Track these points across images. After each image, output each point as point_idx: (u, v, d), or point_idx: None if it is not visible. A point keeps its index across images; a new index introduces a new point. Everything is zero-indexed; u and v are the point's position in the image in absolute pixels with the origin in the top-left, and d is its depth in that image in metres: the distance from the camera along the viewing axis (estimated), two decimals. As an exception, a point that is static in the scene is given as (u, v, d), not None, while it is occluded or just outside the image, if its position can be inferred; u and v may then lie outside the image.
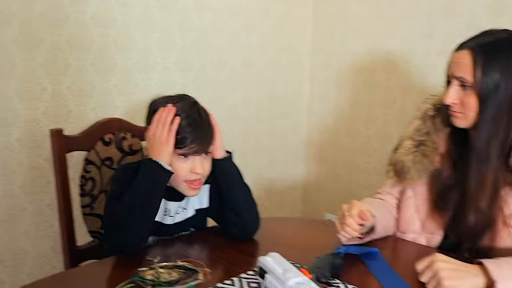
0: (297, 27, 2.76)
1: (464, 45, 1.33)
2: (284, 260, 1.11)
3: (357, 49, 2.65)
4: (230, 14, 2.38)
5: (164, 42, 2.13)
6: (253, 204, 1.47)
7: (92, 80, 1.92)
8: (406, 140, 1.49)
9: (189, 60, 2.25)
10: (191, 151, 1.35)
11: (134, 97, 2.05)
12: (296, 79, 2.82)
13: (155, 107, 1.40)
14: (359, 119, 2.70)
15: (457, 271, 1.14)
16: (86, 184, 1.65)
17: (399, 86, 2.50)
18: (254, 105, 2.61)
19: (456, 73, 1.32)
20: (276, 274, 1.06)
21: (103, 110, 1.96)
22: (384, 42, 2.53)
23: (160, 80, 2.14)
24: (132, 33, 2.01)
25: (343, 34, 2.70)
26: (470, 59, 1.29)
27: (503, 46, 1.29)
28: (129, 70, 2.03)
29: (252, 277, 1.17)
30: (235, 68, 2.46)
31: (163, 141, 1.33)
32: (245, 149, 2.61)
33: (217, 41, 2.35)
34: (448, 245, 1.41)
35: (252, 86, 2.57)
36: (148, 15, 2.05)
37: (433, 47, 2.34)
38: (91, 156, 1.66)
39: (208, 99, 2.37)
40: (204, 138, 1.38)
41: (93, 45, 1.90)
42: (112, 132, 1.72)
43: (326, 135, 2.86)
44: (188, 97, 1.44)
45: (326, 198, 2.89)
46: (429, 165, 1.44)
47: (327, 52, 2.79)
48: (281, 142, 2.81)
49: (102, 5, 1.90)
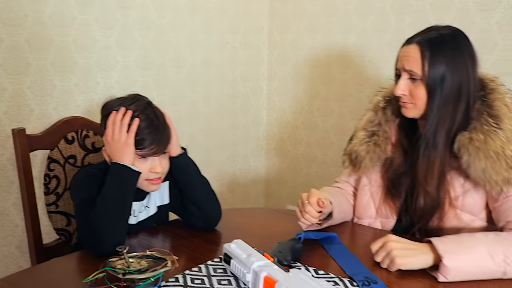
0: (254, 24, 2.82)
1: (412, 40, 1.41)
2: (248, 246, 1.18)
3: (313, 44, 2.74)
4: (188, 13, 2.42)
5: (123, 41, 2.15)
6: (213, 195, 1.52)
7: (53, 79, 1.92)
8: (360, 131, 1.57)
9: (149, 58, 2.28)
10: (150, 152, 1.38)
11: (95, 95, 2.07)
12: (255, 75, 2.89)
13: (109, 110, 1.41)
14: (316, 112, 2.79)
15: (408, 250, 1.22)
16: (50, 182, 1.67)
17: (354, 80, 2.60)
18: (214, 101, 2.65)
19: (405, 67, 1.39)
20: (241, 259, 1.12)
21: (65, 109, 1.97)
22: (339, 37, 2.63)
23: (121, 79, 2.17)
24: (91, 32, 2.03)
25: (299, 30, 2.78)
26: (418, 53, 1.37)
27: (447, 40, 1.38)
28: (89, 69, 2.04)
29: (218, 263, 1.23)
30: (194, 66, 2.50)
31: (123, 143, 1.35)
32: (207, 145, 2.65)
33: (176, 39, 2.39)
34: (401, 228, 1.50)
35: (212, 83, 2.62)
36: (107, 14, 2.07)
37: (385, 41, 2.45)
38: (55, 155, 1.68)
39: (168, 97, 2.40)
40: (162, 139, 1.41)
41: (52, 45, 1.91)
42: (74, 131, 1.74)
43: (286, 129, 2.94)
44: (142, 98, 1.45)
45: (287, 191, 2.97)
46: (381, 154, 1.53)
47: (284, 48, 2.87)
48: (243, 137, 2.88)
49: (60, 4, 1.91)
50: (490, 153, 1.30)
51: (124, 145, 1.34)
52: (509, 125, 1.32)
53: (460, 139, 1.35)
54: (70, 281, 1.17)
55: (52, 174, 1.68)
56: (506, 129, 1.32)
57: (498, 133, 1.32)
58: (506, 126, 1.32)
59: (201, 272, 1.18)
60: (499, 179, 1.30)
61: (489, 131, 1.32)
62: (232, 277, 1.16)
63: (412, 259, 1.21)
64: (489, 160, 1.30)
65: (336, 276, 1.17)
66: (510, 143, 1.31)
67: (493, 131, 1.32)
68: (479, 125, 1.35)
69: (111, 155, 1.37)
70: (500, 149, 1.30)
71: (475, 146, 1.32)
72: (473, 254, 1.17)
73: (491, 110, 1.35)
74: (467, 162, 1.33)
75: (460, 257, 1.16)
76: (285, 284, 0.99)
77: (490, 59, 2.16)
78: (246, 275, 1.08)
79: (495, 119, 1.33)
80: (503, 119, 1.33)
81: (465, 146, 1.34)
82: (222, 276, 1.16)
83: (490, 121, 1.33)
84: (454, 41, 1.38)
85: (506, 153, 1.30)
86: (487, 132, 1.32)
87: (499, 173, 1.29)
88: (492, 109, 1.35)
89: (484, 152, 1.31)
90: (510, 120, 1.33)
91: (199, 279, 1.14)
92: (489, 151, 1.30)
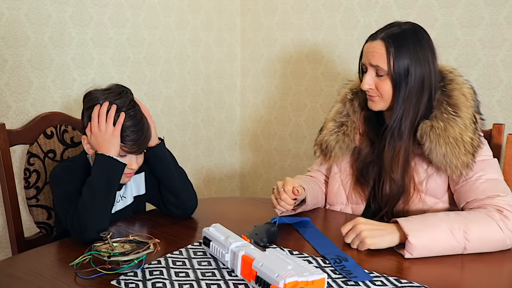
0: (227, 21, 2.88)
1: (376, 36, 1.48)
2: (226, 229, 1.24)
3: (284, 41, 2.82)
4: (163, 10, 2.47)
5: (99, 38, 2.19)
6: (189, 184, 1.59)
7: (29, 76, 1.95)
8: (329, 122, 1.65)
9: (124, 55, 2.32)
10: (131, 150, 1.44)
11: (72, 92, 2.10)
12: (229, 71, 2.95)
13: (94, 101, 1.44)
14: (289, 107, 2.87)
15: (376, 230, 1.31)
16: (30, 177, 1.70)
17: (325, 75, 2.68)
18: (189, 97, 2.71)
19: (372, 62, 1.47)
20: (219, 241, 1.19)
21: (42, 105, 2.00)
22: (309, 33, 2.71)
23: (97, 76, 2.20)
24: (67, 30, 2.06)
25: (270, 26, 2.86)
26: (383, 49, 1.44)
27: (409, 35, 1.46)
28: (66, 65, 2.08)
29: (198, 247, 1.29)
30: (169, 63, 2.55)
31: (110, 134, 1.39)
32: (183, 141, 2.71)
33: (151, 36, 2.44)
34: (370, 213, 1.58)
35: (187, 79, 2.67)
36: (82, 11, 2.10)
37: (354, 38, 2.54)
38: (34, 149, 1.72)
39: (144, 93, 2.44)
40: (144, 140, 1.47)
41: (29, 42, 1.93)
42: (53, 126, 1.77)
43: (259, 124, 3.01)
44: (126, 92, 1.49)
45: (262, 185, 3.04)
46: (350, 143, 1.61)
47: (256, 44, 2.94)
48: (217, 133, 2.93)
49: (36, 2, 1.94)
50: (450, 140, 1.39)
51: (112, 136, 1.39)
52: (466, 113, 1.42)
53: (422, 127, 1.44)
54: (55, 267, 1.22)
55: (32, 168, 1.71)
56: (464, 117, 1.42)
57: (456, 121, 1.41)
58: (464, 114, 1.42)
59: (182, 255, 1.24)
60: (459, 163, 1.39)
61: (449, 119, 1.42)
62: (212, 259, 1.22)
63: (380, 238, 1.30)
64: (449, 146, 1.39)
65: (309, 256, 1.25)
66: (467, 129, 1.41)
67: (452, 119, 1.42)
68: (439, 113, 1.44)
69: (97, 146, 1.40)
70: (459, 136, 1.40)
71: (436, 133, 1.41)
72: (435, 231, 1.26)
73: (450, 100, 1.44)
74: (429, 148, 1.42)
75: (423, 234, 1.25)
76: (262, 261, 1.06)
77: (453, 54, 2.27)
78: (225, 255, 1.15)
79: (454, 108, 1.43)
80: (461, 107, 1.43)
81: (427, 133, 1.43)
82: (202, 258, 1.23)
83: (449, 110, 1.43)
84: (416, 36, 1.46)
85: (464, 139, 1.39)
86: (447, 120, 1.42)
87: (458, 158, 1.39)
88: (451, 99, 1.45)
89: (444, 139, 1.40)
90: (467, 109, 1.43)
91: (180, 261, 1.20)
92: (449, 137, 1.40)
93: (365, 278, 1.13)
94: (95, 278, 1.11)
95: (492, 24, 2.17)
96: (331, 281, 1.12)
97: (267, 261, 1.05)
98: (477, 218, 1.30)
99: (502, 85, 2.19)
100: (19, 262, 1.24)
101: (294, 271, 1.01)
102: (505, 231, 1.29)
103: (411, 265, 1.22)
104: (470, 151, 1.40)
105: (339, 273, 1.16)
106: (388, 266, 1.21)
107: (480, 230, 1.27)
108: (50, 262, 1.24)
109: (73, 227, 1.33)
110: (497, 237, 1.28)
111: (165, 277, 1.12)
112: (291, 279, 0.98)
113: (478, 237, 1.27)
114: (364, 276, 1.14)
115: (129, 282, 1.09)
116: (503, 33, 2.15)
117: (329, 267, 1.19)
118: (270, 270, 1.02)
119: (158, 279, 1.10)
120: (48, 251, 1.31)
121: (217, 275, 1.14)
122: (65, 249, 1.30)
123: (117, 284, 1.09)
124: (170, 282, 1.09)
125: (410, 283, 1.12)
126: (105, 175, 1.37)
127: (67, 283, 1.10)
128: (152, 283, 1.09)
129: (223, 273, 1.15)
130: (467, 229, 1.27)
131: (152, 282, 1.09)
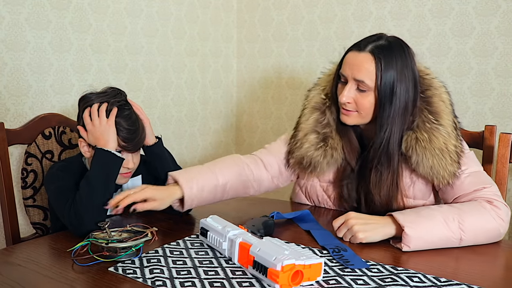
0: (223, 32, 2.93)
1: (363, 48, 1.39)
2: (223, 220, 1.25)
3: (280, 52, 2.86)
4: (161, 20, 2.51)
5: (97, 45, 2.22)
6: None
7: (28, 80, 1.97)
8: (310, 133, 1.51)
9: (122, 62, 2.35)
10: (126, 149, 1.46)
11: (70, 97, 2.12)
12: (225, 81, 2.99)
13: (88, 103, 1.46)
14: (284, 117, 2.89)
15: (368, 224, 1.30)
16: (27, 176, 1.71)
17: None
18: (186, 106, 2.73)
19: (356, 77, 1.37)
20: (217, 230, 1.19)
21: (40, 109, 2.01)
22: (305, 45, 2.75)
23: (95, 81, 2.23)
24: (66, 35, 2.09)
25: (266, 38, 2.90)
26: (372, 64, 1.36)
27: (396, 49, 1.38)
28: (64, 71, 2.10)
29: (195, 239, 1.30)
30: (166, 71, 2.59)
31: (104, 125, 1.40)
32: (179, 149, 2.72)
33: (149, 45, 2.47)
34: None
35: (183, 88, 2.70)
36: (82, 18, 2.14)
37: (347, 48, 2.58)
38: (32, 149, 1.73)
39: (141, 100, 2.47)
40: (139, 140, 1.48)
41: (28, 46, 1.96)
42: (51, 126, 1.79)
43: (254, 134, 3.03)
44: (121, 94, 1.51)
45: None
46: (339, 157, 1.50)
47: (252, 56, 2.98)
48: (213, 141, 2.95)
49: (36, 7, 1.97)
50: (436, 151, 1.37)
51: (106, 126, 1.40)
52: (447, 120, 1.40)
53: (407, 140, 1.40)
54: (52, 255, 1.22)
55: (29, 168, 1.72)
56: (445, 125, 1.39)
57: (440, 130, 1.38)
58: (445, 121, 1.40)
59: (179, 246, 1.25)
60: (446, 173, 1.38)
61: (432, 128, 1.38)
62: (209, 249, 1.23)
63: (373, 232, 1.29)
64: (436, 158, 1.37)
65: (306, 247, 1.26)
66: (450, 137, 1.39)
67: (435, 128, 1.38)
68: (421, 122, 1.40)
69: (95, 141, 1.42)
70: (444, 146, 1.38)
71: (422, 146, 1.38)
72: (430, 222, 1.26)
73: (430, 108, 1.41)
74: (416, 161, 1.39)
75: (419, 225, 1.25)
76: (259, 246, 1.07)
77: (446, 63, 2.32)
78: (223, 244, 1.16)
79: (435, 116, 1.40)
80: (442, 115, 1.40)
81: (412, 147, 1.39)
82: (199, 248, 1.23)
83: (431, 118, 1.39)
84: (401, 49, 1.39)
85: (449, 148, 1.38)
86: (430, 130, 1.38)
87: (445, 169, 1.38)
88: (431, 106, 1.41)
89: (430, 151, 1.37)
90: (447, 116, 1.41)
91: (178, 251, 1.21)
92: (435, 149, 1.37)
93: (362, 265, 1.14)
94: (92, 266, 1.11)
95: (483, 33, 2.22)
96: (328, 268, 1.13)
97: (264, 247, 1.06)
98: (470, 209, 1.31)
99: (494, 92, 2.22)
100: (17, 251, 1.24)
101: (291, 255, 1.02)
102: (497, 220, 1.30)
103: (407, 256, 1.23)
104: (455, 160, 1.38)
105: (337, 261, 1.17)
106: (384, 256, 1.22)
107: (474, 220, 1.28)
108: (47, 251, 1.24)
109: (71, 221, 1.33)
110: (491, 227, 1.29)
111: (163, 264, 1.12)
112: (289, 261, 0.99)
113: (473, 228, 1.28)
114: (361, 264, 1.15)
115: (127, 269, 1.10)
116: (494, 42, 2.20)
117: (327, 256, 1.20)
118: (268, 254, 1.03)
119: (155, 266, 1.11)
120: (45, 241, 1.32)
121: (215, 263, 1.14)
122: (62, 240, 1.30)
123: (114, 270, 1.09)
124: (167, 269, 1.10)
125: (406, 270, 1.13)
126: (103, 169, 1.38)
127: (65, 270, 1.10)
128: (149, 269, 1.09)
129: (220, 262, 1.15)
130: (462, 219, 1.28)
131: (149, 269, 1.09)
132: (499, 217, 1.31)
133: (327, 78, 1.57)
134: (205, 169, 1.46)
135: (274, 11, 2.86)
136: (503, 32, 2.17)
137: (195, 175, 1.42)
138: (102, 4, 2.21)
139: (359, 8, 2.54)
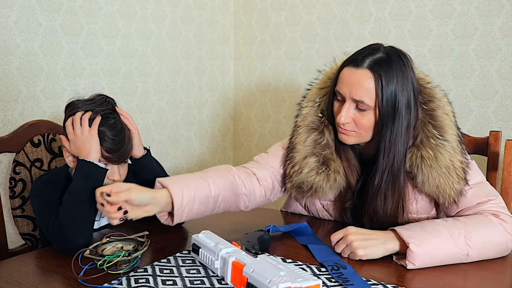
0: (220, 34, 2.87)
1: (360, 63, 1.28)
2: (216, 235, 1.19)
3: (278, 54, 2.80)
4: (155, 22, 2.45)
5: (90, 48, 2.16)
6: None
7: (18, 85, 1.91)
8: (310, 156, 1.41)
9: (115, 66, 2.29)
10: (111, 160, 1.38)
11: (61, 102, 2.06)
12: (222, 84, 2.93)
13: (74, 111, 1.39)
14: (282, 120, 2.84)
15: (368, 240, 1.23)
16: (16, 186, 1.65)
17: (319, 88, 2.66)
18: (182, 109, 2.67)
19: (355, 96, 1.28)
20: (209, 247, 1.14)
21: (31, 114, 1.96)
22: (303, 46, 2.69)
23: (87, 86, 2.17)
24: (58, 39, 2.03)
25: (264, 39, 2.84)
26: (371, 82, 1.26)
27: (395, 62, 1.29)
28: (55, 75, 2.04)
29: (187, 255, 1.24)
30: (161, 74, 2.52)
31: (86, 134, 1.32)
32: (175, 153, 2.66)
33: (143, 48, 2.41)
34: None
35: (179, 91, 2.64)
36: (73, 21, 2.08)
37: (347, 49, 2.51)
38: (21, 158, 1.67)
39: (135, 104, 2.41)
40: (124, 151, 1.40)
41: (18, 50, 1.90)
42: (41, 134, 1.73)
43: (252, 137, 2.97)
44: (108, 102, 1.44)
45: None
46: (341, 181, 1.42)
47: (249, 58, 2.92)
48: (210, 147, 2.89)
49: (25, 10, 1.91)
50: (442, 170, 1.30)
51: (88, 135, 1.33)
52: (452, 135, 1.32)
53: (412, 158, 1.32)
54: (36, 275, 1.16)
55: (17, 177, 1.66)
56: (451, 140, 1.32)
57: (445, 146, 1.31)
58: (450, 136, 1.32)
59: (170, 263, 1.19)
60: (452, 192, 1.31)
61: (437, 145, 1.31)
62: (201, 267, 1.17)
63: (373, 249, 1.22)
64: (442, 177, 1.30)
65: (303, 263, 1.20)
66: (456, 153, 1.31)
67: (440, 144, 1.31)
68: (425, 138, 1.32)
69: (77, 152, 1.34)
70: (450, 163, 1.30)
71: (427, 164, 1.30)
72: (436, 238, 1.19)
73: (434, 122, 1.33)
74: (422, 181, 1.32)
75: (424, 242, 1.18)
76: (253, 267, 1.01)
77: (448, 65, 2.26)
78: (215, 262, 1.10)
79: (439, 131, 1.32)
80: (447, 129, 1.32)
81: (418, 166, 1.31)
82: (191, 266, 1.18)
83: (435, 133, 1.31)
84: (400, 61, 1.31)
85: (455, 165, 1.30)
86: (435, 147, 1.31)
87: (452, 188, 1.30)
88: (435, 120, 1.33)
89: (436, 170, 1.30)
90: (452, 129, 1.33)
91: (168, 269, 1.15)
92: (441, 167, 1.30)
93: (362, 285, 1.08)
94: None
95: (486, 34, 2.16)
96: (326, 288, 1.07)
97: (258, 267, 1.00)
98: (476, 223, 1.25)
99: (497, 95, 2.17)
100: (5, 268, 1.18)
101: (287, 277, 0.96)
102: (505, 234, 1.24)
103: (412, 274, 1.16)
104: (462, 177, 1.31)
105: (336, 280, 1.11)
106: (387, 274, 1.16)
107: (481, 235, 1.22)
108: (32, 269, 1.19)
109: (54, 236, 1.27)
110: (498, 241, 1.23)
111: (151, 285, 1.06)
112: (284, 284, 0.93)
113: (480, 243, 1.21)
114: (361, 284, 1.09)
115: (114, 290, 1.04)
116: (497, 43, 2.14)
117: (325, 275, 1.14)
118: (262, 276, 0.97)
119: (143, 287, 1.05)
120: (30, 258, 1.26)
121: (206, 283, 1.08)
122: (47, 257, 1.24)
123: (101, 292, 1.04)
124: (156, 290, 1.04)
125: (408, 291, 1.07)
126: (85, 181, 1.30)
127: (48, 291, 1.05)
128: (137, 291, 1.04)
129: (212, 281, 1.09)
130: (468, 234, 1.21)
131: (137, 290, 1.04)
132: (507, 231, 1.24)
133: (318, 92, 1.46)
134: (197, 177, 1.37)
135: (271, 12, 2.80)
136: (507, 33, 2.11)
137: (186, 182, 1.32)
138: (94, 6, 2.15)
139: (359, 9, 2.48)
